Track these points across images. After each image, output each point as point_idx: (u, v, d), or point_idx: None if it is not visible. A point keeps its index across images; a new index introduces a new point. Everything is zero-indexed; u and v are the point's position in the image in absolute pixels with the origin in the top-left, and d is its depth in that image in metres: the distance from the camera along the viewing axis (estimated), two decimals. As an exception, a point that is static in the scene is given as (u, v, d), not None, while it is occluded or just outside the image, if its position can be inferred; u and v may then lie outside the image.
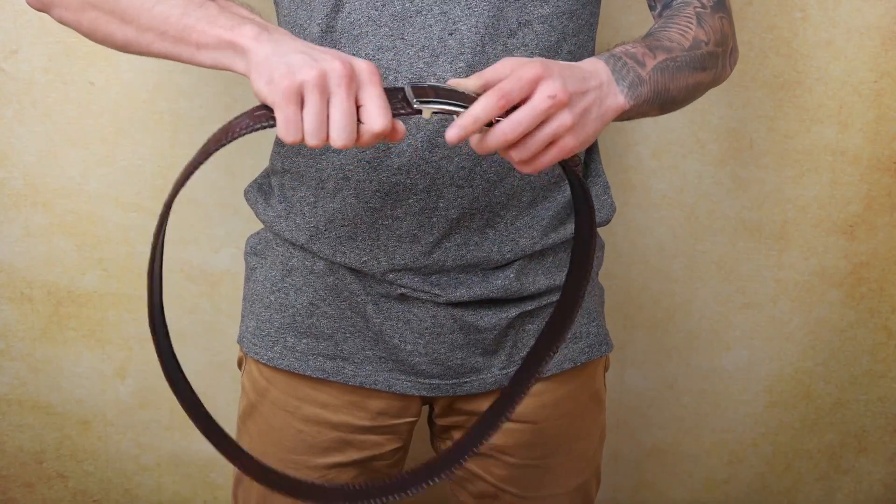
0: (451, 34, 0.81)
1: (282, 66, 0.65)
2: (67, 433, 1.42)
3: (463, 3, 0.81)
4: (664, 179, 1.37)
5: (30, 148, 1.27)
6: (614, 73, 0.76)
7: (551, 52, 0.85)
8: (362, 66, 0.66)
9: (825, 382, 1.48)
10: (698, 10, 0.86)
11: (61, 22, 0.84)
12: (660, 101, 0.81)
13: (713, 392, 1.48)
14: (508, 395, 0.82)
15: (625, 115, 0.78)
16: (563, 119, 0.69)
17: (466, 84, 0.70)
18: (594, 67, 0.75)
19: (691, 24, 0.85)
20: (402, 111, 0.67)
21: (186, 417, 1.41)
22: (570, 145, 0.71)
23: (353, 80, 0.65)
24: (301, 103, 0.65)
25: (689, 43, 0.83)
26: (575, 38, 0.87)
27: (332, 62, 0.65)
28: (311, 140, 0.65)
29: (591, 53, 0.92)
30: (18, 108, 1.26)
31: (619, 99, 0.76)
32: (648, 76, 0.78)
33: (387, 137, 0.67)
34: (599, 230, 1.01)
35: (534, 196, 0.88)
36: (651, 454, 1.52)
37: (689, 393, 1.48)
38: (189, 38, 0.72)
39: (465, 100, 0.68)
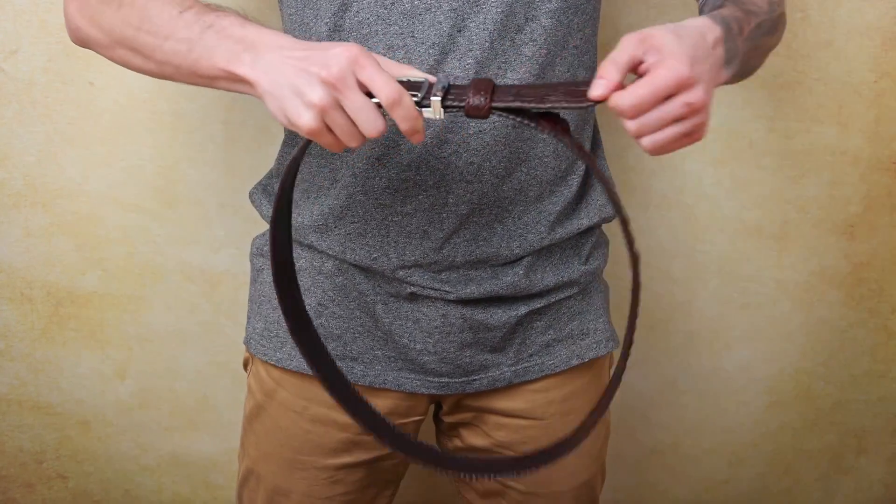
0: (461, 31, 0.81)
1: (289, 98, 0.68)
2: (67, 434, 1.42)
3: (472, 0, 0.81)
4: (664, 179, 1.37)
5: (30, 148, 1.27)
6: (725, 46, 0.74)
7: (558, 47, 0.85)
8: (348, 55, 0.67)
9: (825, 382, 1.48)
10: None
11: (102, 56, 0.87)
12: (741, 73, 0.79)
13: (713, 392, 1.48)
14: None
15: None
16: (696, 120, 0.68)
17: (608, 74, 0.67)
18: (714, 39, 0.71)
19: None
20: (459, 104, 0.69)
21: (186, 418, 1.42)
22: (698, 138, 0.70)
23: (348, 76, 0.67)
24: (327, 124, 0.68)
25: (766, 6, 0.82)
26: (580, 32, 0.87)
27: (324, 68, 0.67)
28: (353, 143, 0.69)
29: (595, 48, 0.92)
30: (18, 108, 1.25)
31: (723, 74, 0.74)
32: (742, 47, 0.76)
33: (407, 133, 0.69)
34: (604, 227, 1.02)
35: (540, 191, 0.89)
36: (651, 454, 1.52)
37: (690, 393, 1.48)
38: (201, 71, 0.75)
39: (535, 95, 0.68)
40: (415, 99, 0.68)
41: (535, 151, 0.87)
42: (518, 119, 0.69)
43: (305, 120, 0.67)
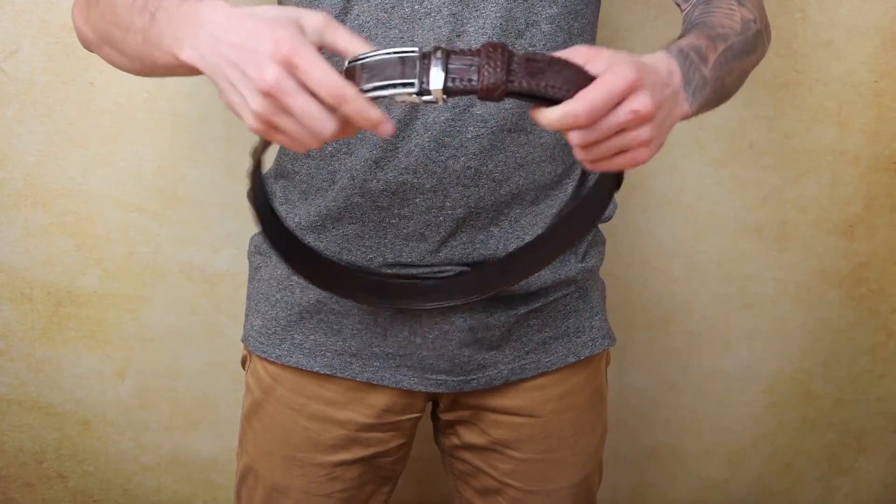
0: (460, 36, 0.81)
1: (232, 93, 0.63)
2: (67, 433, 1.42)
3: (471, 5, 0.81)
4: (664, 179, 1.37)
5: (30, 148, 1.27)
6: (684, 77, 0.71)
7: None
8: (280, 55, 0.61)
9: (825, 382, 1.48)
10: None
11: (100, 57, 0.86)
12: (716, 100, 0.77)
13: (713, 392, 1.48)
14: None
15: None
16: (641, 133, 0.65)
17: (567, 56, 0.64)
18: (669, 70, 0.70)
19: (733, 4, 0.81)
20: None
21: (186, 417, 1.42)
22: (641, 157, 0.66)
23: (283, 80, 0.61)
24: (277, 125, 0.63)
25: (739, 26, 0.80)
26: (580, 37, 0.87)
27: (258, 72, 0.61)
28: (312, 145, 0.63)
29: None
30: (18, 108, 1.26)
31: (683, 107, 0.71)
32: (710, 75, 0.74)
33: (372, 127, 0.63)
34: (601, 227, 1.02)
35: (537, 195, 0.89)
36: (651, 454, 1.52)
37: (689, 393, 1.48)
38: (160, 64, 0.72)
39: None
40: (411, 90, 0.59)
41: (533, 156, 0.87)
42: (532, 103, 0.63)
43: (250, 123, 0.63)
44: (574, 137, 0.64)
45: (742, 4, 0.83)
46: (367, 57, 0.60)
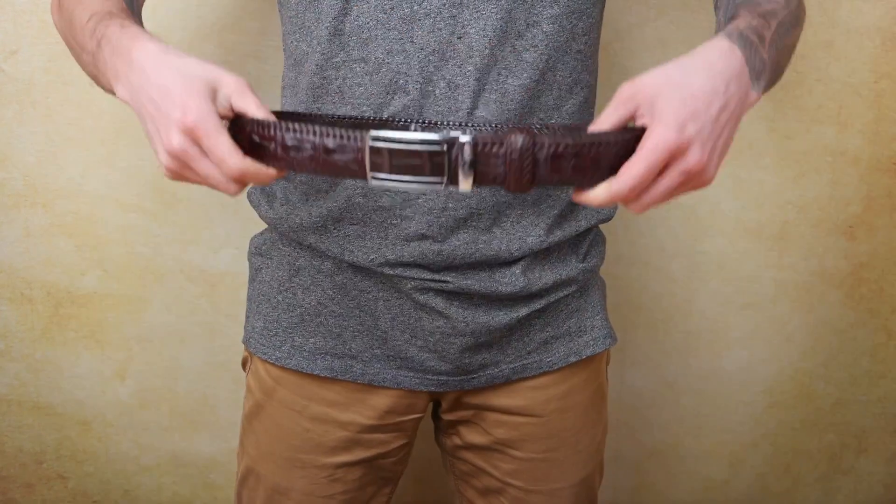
0: (460, 38, 0.81)
1: (152, 141, 0.70)
2: (67, 434, 1.42)
3: (471, 7, 0.81)
4: (664, 180, 1.37)
5: (30, 148, 1.27)
6: (749, 65, 0.69)
7: (560, 52, 0.84)
8: (184, 126, 0.66)
9: (825, 383, 1.48)
10: None
11: None
12: (772, 82, 0.76)
13: (713, 392, 1.48)
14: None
15: None
16: (697, 181, 0.66)
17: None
18: (732, 71, 0.66)
19: None
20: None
21: (186, 418, 1.42)
22: (699, 188, 0.68)
23: (188, 148, 0.67)
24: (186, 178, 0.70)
25: (784, 0, 0.78)
26: (585, 37, 0.87)
27: (167, 136, 0.67)
28: (231, 191, 0.69)
29: (597, 52, 0.92)
30: (18, 108, 1.26)
31: (752, 96, 0.70)
32: (768, 56, 0.72)
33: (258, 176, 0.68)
34: (601, 227, 1.02)
35: (538, 195, 0.89)
36: (651, 455, 1.52)
37: (689, 393, 1.48)
38: (106, 89, 0.78)
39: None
40: (437, 187, 0.60)
41: None
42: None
43: (165, 172, 0.70)
44: (631, 207, 0.66)
45: None
46: (390, 140, 0.61)
